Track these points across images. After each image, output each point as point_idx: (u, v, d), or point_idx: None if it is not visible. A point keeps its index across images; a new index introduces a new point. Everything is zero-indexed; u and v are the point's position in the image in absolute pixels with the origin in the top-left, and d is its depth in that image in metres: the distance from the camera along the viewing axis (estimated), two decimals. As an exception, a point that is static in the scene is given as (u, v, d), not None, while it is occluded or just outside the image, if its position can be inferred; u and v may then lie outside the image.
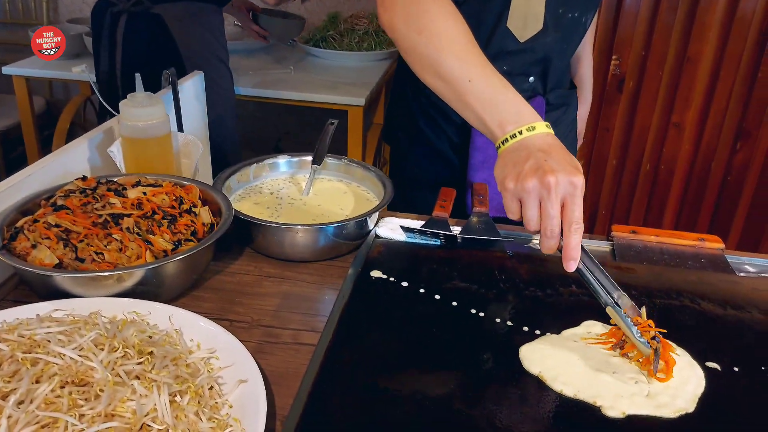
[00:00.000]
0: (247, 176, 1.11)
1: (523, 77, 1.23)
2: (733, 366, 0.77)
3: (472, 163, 1.27)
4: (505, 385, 0.73)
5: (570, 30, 1.21)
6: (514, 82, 1.22)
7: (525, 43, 1.18)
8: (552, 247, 0.81)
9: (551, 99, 1.27)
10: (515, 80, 1.20)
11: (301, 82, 2.23)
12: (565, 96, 1.32)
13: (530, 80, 1.23)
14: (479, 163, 1.26)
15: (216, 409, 0.65)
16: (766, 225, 2.25)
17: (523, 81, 1.23)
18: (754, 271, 1.01)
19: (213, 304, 0.88)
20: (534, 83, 1.24)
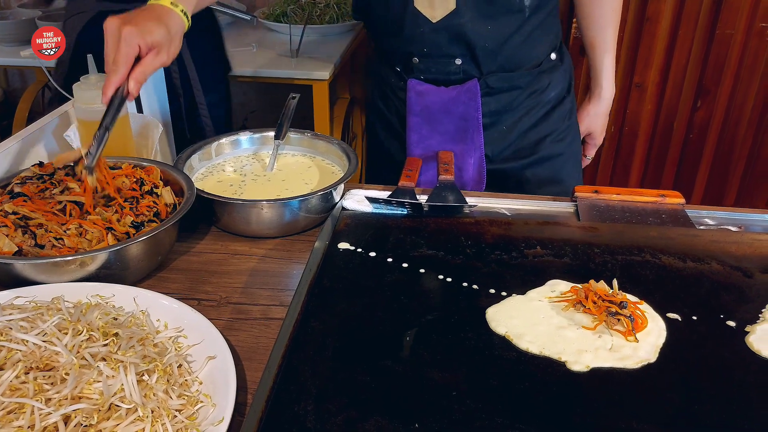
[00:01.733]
0: (209, 154, 1.10)
1: (447, 59, 1.20)
2: (692, 315, 0.79)
3: (409, 142, 1.27)
4: (472, 347, 0.75)
5: (494, 10, 1.15)
6: (439, 64, 1.22)
7: (438, 23, 1.15)
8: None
9: (492, 82, 1.22)
10: (440, 62, 1.21)
11: (264, 58, 2.20)
12: (516, 78, 1.24)
13: (457, 62, 1.20)
14: (414, 142, 1.26)
15: (186, 387, 0.66)
16: (727, 180, 2.31)
17: (449, 63, 1.20)
18: (714, 224, 1.03)
19: (180, 285, 0.88)
20: (464, 65, 1.21)
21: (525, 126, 1.29)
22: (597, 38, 1.30)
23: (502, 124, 1.27)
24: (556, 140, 1.32)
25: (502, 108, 1.26)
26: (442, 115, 1.24)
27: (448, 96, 1.23)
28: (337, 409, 0.66)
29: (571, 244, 0.95)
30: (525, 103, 1.27)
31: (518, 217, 1.05)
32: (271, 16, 2.46)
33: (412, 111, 1.26)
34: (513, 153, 1.30)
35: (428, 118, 1.25)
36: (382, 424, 0.64)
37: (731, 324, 0.78)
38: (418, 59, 1.22)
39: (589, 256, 0.92)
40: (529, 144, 1.30)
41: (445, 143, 1.26)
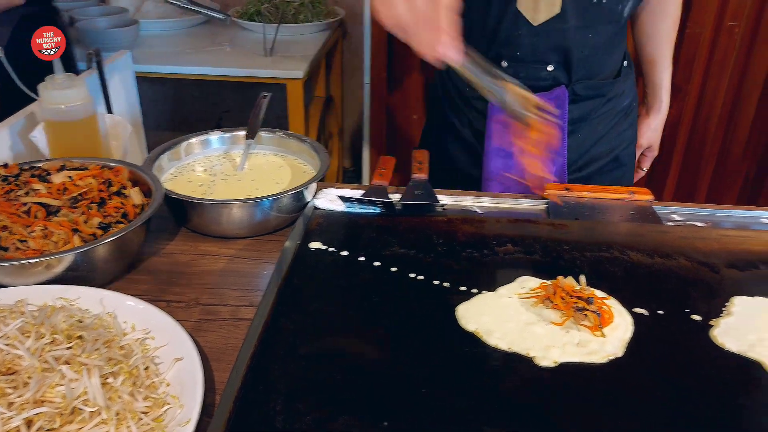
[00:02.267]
0: (179, 154, 1.09)
1: (539, 65, 1.17)
2: (658, 310, 0.80)
3: (488, 150, 1.23)
4: (443, 344, 0.75)
5: (596, 18, 1.13)
6: (529, 69, 1.18)
7: (539, 27, 1.12)
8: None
9: (578, 90, 1.20)
10: (530, 68, 1.17)
11: (238, 57, 2.19)
12: (600, 87, 1.22)
13: (548, 68, 1.17)
14: (495, 150, 1.23)
15: (153, 388, 0.65)
16: (698, 177, 2.34)
17: (540, 69, 1.17)
18: (681, 220, 1.05)
19: (149, 286, 0.87)
20: (554, 72, 1.18)
21: (599, 133, 1.27)
22: (657, 54, 1.31)
23: (579, 133, 1.25)
24: (625, 149, 1.32)
25: (583, 116, 1.24)
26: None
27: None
28: (306, 408, 0.66)
29: (542, 241, 0.96)
30: (601, 110, 1.26)
31: (490, 215, 1.06)
32: (245, 15, 2.45)
33: (495, 119, 1.21)
34: (586, 162, 1.29)
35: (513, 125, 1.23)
36: (351, 423, 0.64)
37: (696, 318, 0.79)
38: (507, 63, 1.18)
39: (559, 253, 0.93)
40: (601, 152, 1.29)
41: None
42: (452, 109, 1.31)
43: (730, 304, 0.82)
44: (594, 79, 1.22)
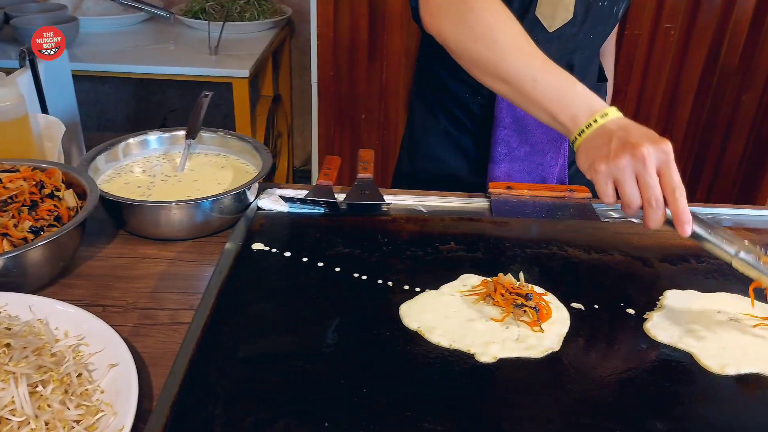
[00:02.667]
0: (117, 155, 1.06)
1: None
2: (594, 304, 0.83)
3: (494, 156, 1.23)
4: (384, 344, 0.75)
5: (599, 19, 1.16)
6: None
7: (553, 33, 1.13)
8: (659, 219, 0.78)
9: None
10: None
11: (182, 56, 2.15)
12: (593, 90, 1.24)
13: None
14: (501, 155, 1.23)
15: (86, 396, 0.63)
16: (639, 175, 2.41)
17: None
18: (618, 216, 1.08)
19: (85, 291, 0.84)
20: None
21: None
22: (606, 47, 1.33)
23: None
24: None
25: None
26: (537, 125, 1.20)
27: None
28: (245, 411, 0.65)
29: (484, 238, 0.98)
30: None
31: (435, 214, 1.07)
32: (189, 13, 2.40)
33: (502, 123, 1.21)
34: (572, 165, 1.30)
35: (519, 129, 1.21)
36: (291, 425, 0.64)
37: (630, 311, 0.82)
38: None
39: (501, 250, 0.95)
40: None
41: (535, 154, 1.23)
42: (448, 118, 1.29)
43: (663, 297, 0.85)
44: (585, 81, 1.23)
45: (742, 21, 2.18)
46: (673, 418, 0.66)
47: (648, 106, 2.30)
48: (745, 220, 1.08)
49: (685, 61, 2.22)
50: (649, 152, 0.77)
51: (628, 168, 0.77)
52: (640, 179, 0.78)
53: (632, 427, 0.65)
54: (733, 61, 2.22)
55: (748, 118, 2.30)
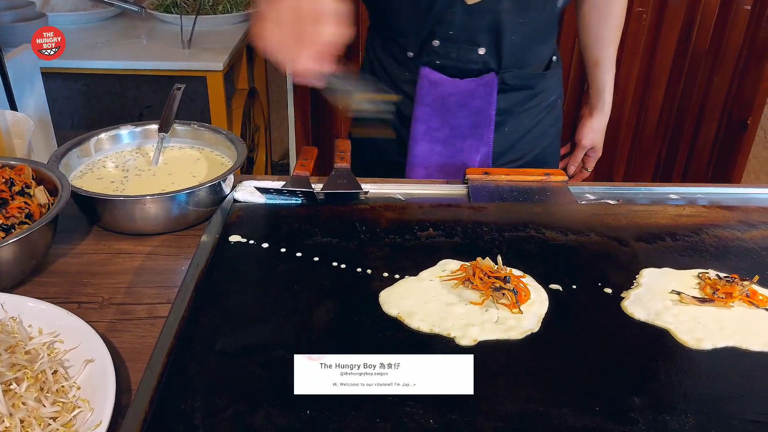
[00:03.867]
0: (88, 151, 1.04)
1: (470, 45, 1.16)
2: (572, 285, 0.83)
3: (414, 134, 1.22)
4: (364, 331, 0.75)
5: (530, 5, 1.13)
6: (460, 50, 1.16)
7: (473, 6, 1.11)
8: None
9: (508, 78, 1.20)
10: (461, 48, 1.16)
11: (155, 51, 2.12)
12: (529, 78, 1.23)
13: (480, 51, 1.16)
14: (420, 134, 1.22)
15: (63, 393, 0.62)
16: (615, 158, 2.44)
17: (471, 50, 1.16)
18: (594, 198, 1.08)
19: (59, 288, 0.83)
20: (485, 56, 1.17)
21: (525, 129, 1.27)
22: (602, 56, 1.31)
23: (506, 125, 1.25)
24: (547, 146, 1.33)
25: (510, 107, 1.24)
26: (458, 108, 1.20)
27: (465, 88, 1.19)
28: (225, 403, 0.64)
29: (462, 224, 0.98)
30: (528, 104, 1.26)
31: (413, 201, 1.07)
32: (161, 7, 2.37)
33: (422, 101, 1.19)
34: (510, 156, 1.29)
35: (441, 110, 1.20)
36: (272, 414, 0.63)
37: (608, 291, 0.83)
38: (439, 42, 1.16)
39: (479, 235, 0.95)
40: (525, 147, 1.29)
41: (455, 138, 1.21)
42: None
43: (640, 275, 0.86)
44: (524, 70, 1.22)
45: (712, 3, 2.20)
46: (651, 393, 0.67)
47: (623, 91, 2.32)
48: (719, 198, 1.09)
49: (658, 44, 2.24)
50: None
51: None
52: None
53: (611, 404, 0.65)
54: (704, 43, 2.24)
55: (720, 99, 2.33)
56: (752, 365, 0.71)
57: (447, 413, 0.63)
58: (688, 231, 0.96)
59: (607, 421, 0.63)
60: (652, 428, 0.62)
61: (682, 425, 0.63)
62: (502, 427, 0.62)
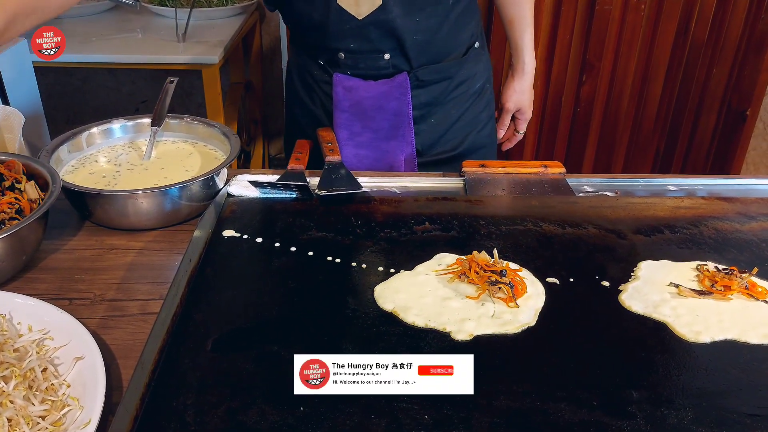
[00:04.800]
0: (80, 145, 1.03)
1: (375, 54, 1.16)
2: (569, 278, 0.82)
3: (339, 140, 1.21)
4: (359, 326, 0.74)
5: (420, 3, 1.12)
6: (368, 59, 1.17)
7: (365, 20, 1.11)
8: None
9: (421, 75, 1.20)
10: (369, 57, 1.16)
11: (150, 44, 2.10)
12: (445, 69, 1.22)
13: (385, 57, 1.16)
14: (345, 139, 1.21)
15: (53, 391, 0.62)
16: (614, 150, 2.43)
17: (377, 58, 1.16)
18: (592, 191, 1.07)
19: (50, 285, 0.82)
20: (392, 60, 1.17)
21: (453, 118, 1.27)
22: (516, 14, 1.30)
23: (432, 117, 1.25)
24: (480, 131, 1.31)
25: (432, 100, 1.23)
26: (375, 111, 1.19)
27: (379, 91, 1.19)
28: (218, 400, 0.64)
29: (458, 217, 0.97)
30: (453, 94, 1.25)
31: (408, 195, 1.06)
32: (156, 0, 2.35)
33: (339, 107, 1.20)
34: (442, 146, 1.28)
35: (359, 114, 1.20)
36: (266, 411, 0.62)
37: (605, 284, 0.82)
38: (344, 55, 1.17)
39: (475, 228, 0.94)
40: (457, 136, 1.28)
41: (378, 140, 1.21)
42: (305, 89, 1.28)
43: (637, 268, 0.85)
44: (440, 63, 1.21)
45: (711, -6, 2.18)
46: (649, 387, 0.66)
47: (621, 83, 2.30)
48: (719, 190, 1.08)
49: (656, 35, 2.22)
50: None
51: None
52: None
53: (609, 398, 0.64)
54: (703, 34, 2.23)
55: (719, 91, 2.31)
56: (751, 358, 0.70)
57: (442, 409, 0.63)
58: (687, 223, 0.95)
59: (605, 415, 0.62)
60: (650, 422, 0.61)
61: (680, 419, 0.62)
62: (498, 422, 0.61)
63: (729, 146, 2.39)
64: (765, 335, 0.73)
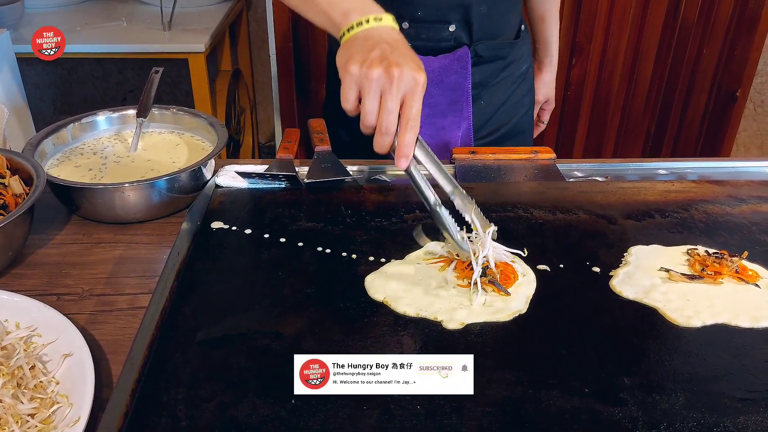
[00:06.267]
0: (65, 139, 1.02)
1: (441, 24, 1.14)
2: (560, 264, 0.82)
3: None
4: (350, 316, 0.74)
5: None
6: (431, 30, 1.15)
7: None
8: (386, 145, 0.76)
9: (480, 50, 1.18)
10: (431, 28, 1.15)
11: (135, 33, 2.08)
12: (501, 48, 1.21)
13: (450, 29, 1.14)
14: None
15: (41, 388, 0.61)
16: (604, 133, 2.42)
17: (442, 29, 1.14)
18: (582, 176, 1.07)
19: (37, 280, 0.81)
20: (456, 32, 1.15)
21: (500, 100, 1.26)
22: (546, 11, 1.33)
23: (481, 99, 1.24)
24: (524, 116, 1.32)
25: (484, 80, 1.22)
26: (433, 86, 1.17)
27: (439, 65, 1.17)
28: (209, 394, 0.63)
29: (449, 205, 0.96)
30: (501, 75, 1.24)
31: (399, 183, 1.05)
32: (140, -12, 2.31)
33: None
34: (488, 128, 1.27)
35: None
36: (257, 404, 0.62)
37: (596, 270, 0.82)
38: (408, 24, 1.14)
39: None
40: (502, 118, 1.28)
41: (434, 116, 1.19)
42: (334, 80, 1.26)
43: (628, 253, 0.85)
44: (495, 40, 1.21)
45: (701, -26, 2.17)
46: (640, 373, 0.66)
47: (611, 65, 2.29)
48: (709, 173, 1.08)
49: (646, 17, 2.21)
50: (402, 75, 0.74)
51: (377, 81, 0.74)
52: (383, 99, 0.75)
53: (600, 385, 0.64)
54: (693, 15, 2.22)
55: (709, 72, 2.31)
56: (742, 342, 0.71)
57: (434, 399, 0.63)
58: (677, 207, 0.95)
59: (596, 402, 0.62)
60: (642, 409, 0.62)
61: (671, 405, 0.62)
62: (490, 411, 0.61)
63: (719, 127, 2.39)
64: (756, 318, 0.73)
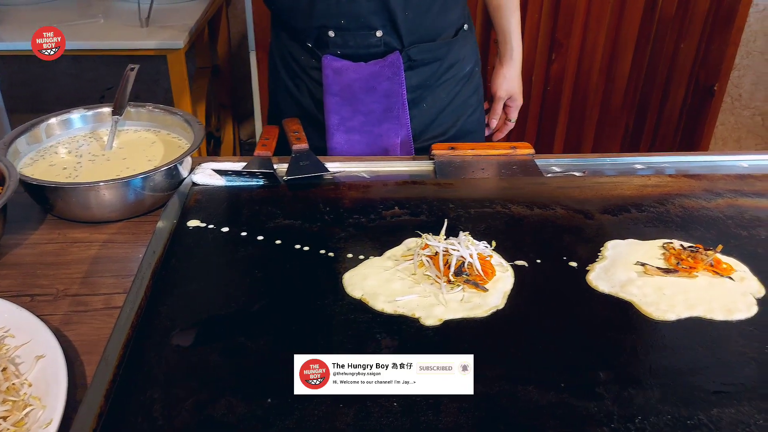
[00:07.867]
0: (38, 137, 1.00)
1: (366, 31, 1.13)
2: (537, 259, 0.82)
3: (329, 125, 1.18)
4: (328, 314, 0.74)
5: None
6: (358, 37, 1.14)
7: None
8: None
9: (413, 54, 1.17)
10: (358, 35, 1.13)
11: (112, 30, 2.05)
12: (437, 49, 1.19)
13: (377, 34, 1.13)
14: (335, 125, 1.18)
15: (14, 391, 0.60)
16: (584, 128, 2.44)
17: (369, 35, 1.13)
18: (560, 171, 1.08)
19: (11, 281, 0.80)
20: (384, 38, 1.14)
21: (444, 102, 1.24)
22: (503, 0, 1.29)
23: (424, 102, 1.22)
24: (470, 116, 1.30)
25: (423, 83, 1.20)
26: (365, 93, 1.16)
27: (369, 72, 1.15)
28: (186, 393, 0.63)
29: (428, 201, 0.96)
30: (444, 77, 1.23)
31: (377, 179, 1.05)
32: (117, -16, 2.28)
33: (329, 91, 1.16)
34: (433, 131, 1.25)
35: (349, 98, 1.16)
36: (233, 404, 0.62)
37: (573, 264, 0.82)
38: (333, 33, 1.13)
39: (445, 212, 0.93)
40: (448, 120, 1.26)
41: (370, 124, 1.18)
42: (290, 77, 1.24)
43: (604, 248, 0.86)
44: (430, 43, 1.19)
45: (678, -31, 2.19)
46: (616, 367, 0.67)
47: (590, 60, 2.31)
48: (686, 167, 1.09)
49: (624, 11, 2.23)
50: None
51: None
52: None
53: (577, 380, 0.65)
54: (671, 9, 2.24)
55: (687, 66, 2.33)
56: (716, 335, 0.71)
57: (410, 395, 0.63)
58: (654, 201, 0.96)
59: (572, 397, 0.63)
60: (617, 403, 0.62)
61: (647, 399, 0.63)
62: (466, 407, 0.62)
63: (697, 121, 2.41)
64: (730, 311, 0.74)
